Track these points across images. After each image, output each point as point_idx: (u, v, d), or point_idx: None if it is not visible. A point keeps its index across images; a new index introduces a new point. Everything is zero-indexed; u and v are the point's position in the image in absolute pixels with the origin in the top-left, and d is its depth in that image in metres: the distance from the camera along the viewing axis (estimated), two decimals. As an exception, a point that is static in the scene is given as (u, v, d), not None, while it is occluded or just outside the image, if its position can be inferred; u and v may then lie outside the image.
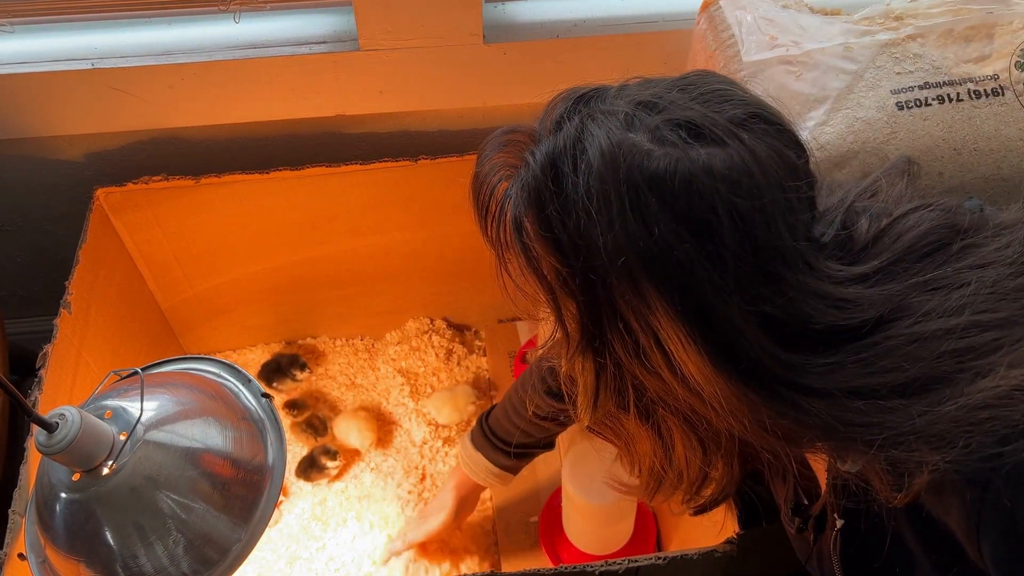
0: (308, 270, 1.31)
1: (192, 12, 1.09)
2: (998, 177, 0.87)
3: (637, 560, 0.80)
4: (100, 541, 0.64)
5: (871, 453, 0.54)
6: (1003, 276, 0.57)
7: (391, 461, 1.30)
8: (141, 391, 0.67)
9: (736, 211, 0.52)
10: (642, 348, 0.56)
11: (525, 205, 0.57)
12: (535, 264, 0.58)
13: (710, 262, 0.52)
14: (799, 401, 0.55)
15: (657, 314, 0.54)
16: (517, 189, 0.57)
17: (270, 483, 0.72)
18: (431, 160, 1.16)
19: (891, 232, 0.61)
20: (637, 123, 0.55)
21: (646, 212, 0.52)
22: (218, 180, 1.13)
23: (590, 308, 0.56)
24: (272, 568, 1.19)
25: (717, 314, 0.53)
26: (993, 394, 0.52)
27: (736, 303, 0.53)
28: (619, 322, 0.56)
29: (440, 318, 1.47)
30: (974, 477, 0.52)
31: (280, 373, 1.35)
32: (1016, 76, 0.86)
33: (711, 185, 0.52)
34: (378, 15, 1.04)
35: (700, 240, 0.52)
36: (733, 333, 0.53)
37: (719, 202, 0.52)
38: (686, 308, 0.53)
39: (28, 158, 1.19)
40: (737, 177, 0.52)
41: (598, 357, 0.59)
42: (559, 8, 1.13)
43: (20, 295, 1.42)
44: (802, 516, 0.73)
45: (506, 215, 0.59)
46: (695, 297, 0.53)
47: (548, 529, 1.18)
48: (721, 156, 0.53)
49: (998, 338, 0.54)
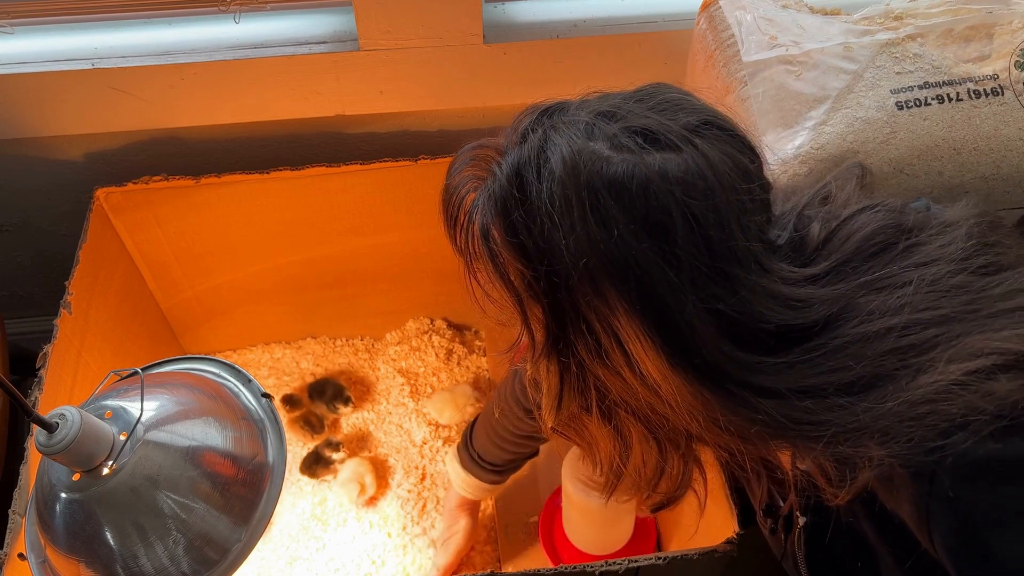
0: (308, 270, 1.31)
1: (192, 12, 1.09)
2: (998, 177, 0.87)
3: (637, 560, 0.80)
4: (100, 541, 0.64)
5: (818, 450, 0.56)
6: (943, 273, 0.59)
7: (391, 461, 1.30)
8: (141, 391, 0.67)
9: (690, 213, 0.54)
10: (604, 348, 0.58)
11: (492, 213, 0.58)
12: (502, 270, 0.60)
13: (666, 262, 0.54)
14: (750, 399, 0.56)
15: (617, 314, 0.55)
16: (484, 198, 0.59)
17: (270, 483, 0.72)
18: (431, 160, 1.16)
19: (840, 234, 0.63)
20: (597, 132, 0.57)
21: (606, 215, 0.54)
22: (218, 180, 1.13)
23: (554, 311, 0.58)
24: (272, 568, 1.19)
25: (673, 313, 0.55)
26: (932, 389, 0.54)
27: (691, 302, 0.55)
28: (582, 324, 0.57)
29: (440, 318, 1.47)
30: (920, 470, 0.55)
31: (321, 396, 1.34)
32: (1016, 76, 0.86)
33: (666, 188, 0.54)
34: (378, 15, 1.04)
35: (656, 241, 0.54)
36: (688, 331, 0.55)
37: (674, 204, 0.54)
38: (644, 307, 0.55)
39: (28, 158, 1.19)
40: (691, 180, 0.54)
41: (562, 359, 0.61)
42: (559, 8, 1.13)
43: (20, 295, 1.42)
44: (773, 517, 0.75)
45: (474, 224, 0.61)
46: (652, 296, 0.55)
47: (548, 529, 1.18)
48: (676, 161, 0.55)
49: (937, 335, 0.57)
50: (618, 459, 0.67)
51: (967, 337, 0.56)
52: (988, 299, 0.58)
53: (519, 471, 1.26)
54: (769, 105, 0.87)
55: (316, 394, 1.35)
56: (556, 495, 1.20)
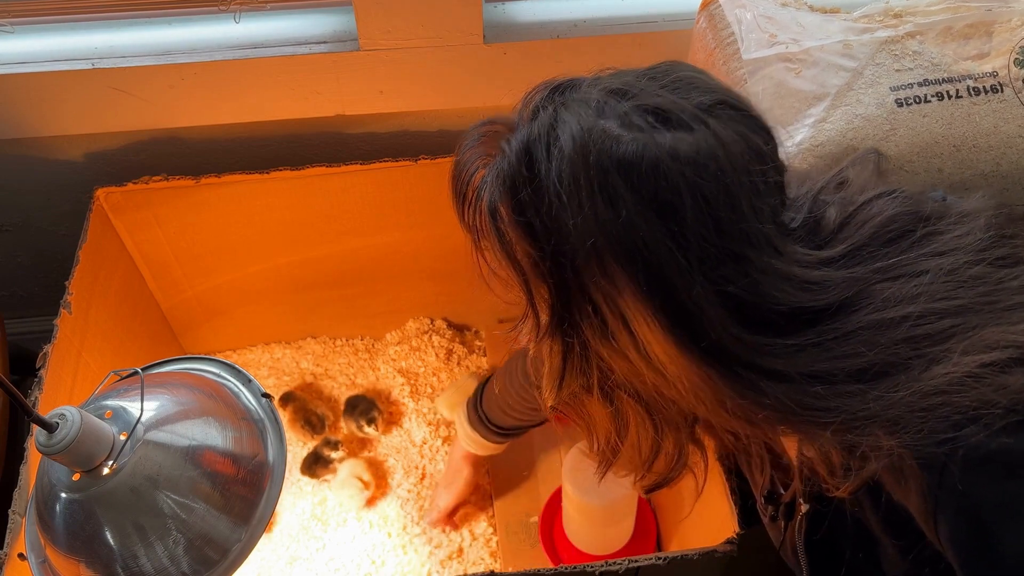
0: (308, 270, 1.31)
1: (192, 12, 1.09)
2: (998, 174, 0.87)
3: (637, 560, 0.80)
4: (100, 541, 0.64)
5: (826, 437, 0.56)
6: (960, 264, 0.58)
7: (391, 461, 1.30)
8: (141, 391, 0.67)
9: (700, 193, 0.53)
10: (610, 329, 0.57)
11: (500, 191, 0.58)
12: (509, 249, 0.59)
13: (675, 243, 0.53)
14: (758, 383, 0.56)
15: (624, 295, 0.55)
16: (493, 176, 0.59)
17: (270, 483, 0.72)
18: (431, 160, 1.16)
19: (857, 218, 0.63)
20: (608, 110, 0.56)
21: (614, 195, 0.53)
22: (218, 180, 1.13)
23: (560, 291, 0.57)
24: (272, 568, 1.19)
25: (680, 294, 0.54)
26: (946, 380, 0.53)
27: (700, 283, 0.54)
28: (588, 304, 0.57)
29: (440, 318, 1.47)
30: (930, 462, 0.54)
31: (352, 411, 1.32)
32: (1015, 73, 0.86)
33: (676, 168, 0.53)
34: (378, 15, 1.04)
35: (665, 221, 0.53)
36: (696, 313, 0.54)
37: (684, 185, 0.53)
38: (651, 288, 0.54)
39: (28, 158, 1.19)
40: (703, 161, 0.54)
41: (567, 339, 0.60)
42: (559, 8, 1.13)
43: (20, 295, 1.42)
44: (774, 504, 0.74)
45: (482, 202, 0.60)
46: (660, 277, 0.54)
47: (548, 529, 1.18)
48: (688, 140, 0.54)
49: (953, 325, 0.56)
50: (615, 437, 0.67)
51: (983, 329, 0.55)
52: (1006, 291, 0.57)
53: (519, 471, 1.26)
54: (769, 103, 0.87)
55: (350, 408, 1.32)
56: (556, 495, 1.20)
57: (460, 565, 1.18)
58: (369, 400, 1.32)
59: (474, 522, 1.22)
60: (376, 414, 1.30)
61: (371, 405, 1.30)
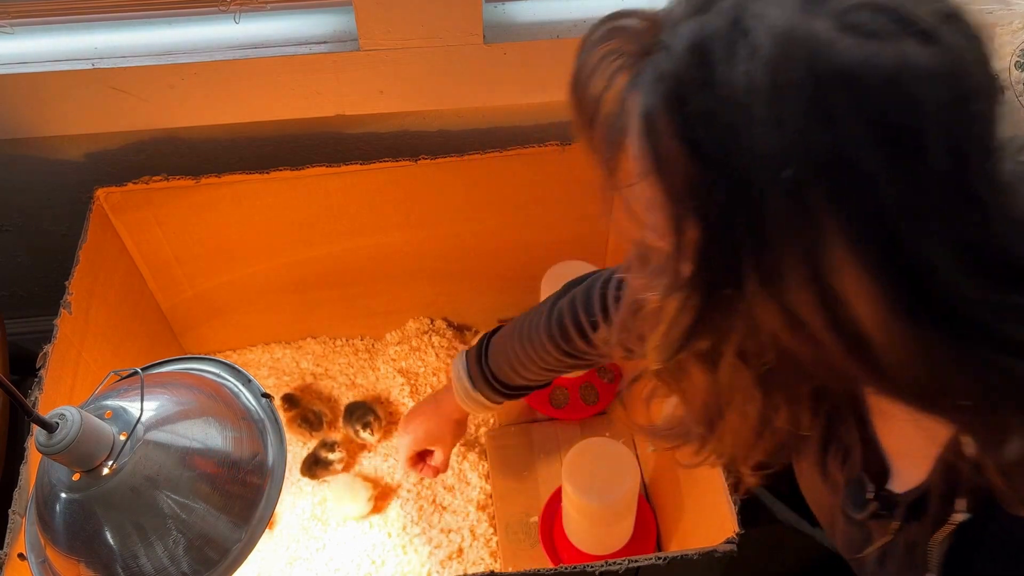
0: (308, 270, 1.31)
1: (192, 12, 1.09)
2: (998, 177, 0.87)
3: (637, 560, 0.80)
4: (100, 541, 0.65)
5: None
6: None
7: (391, 461, 1.30)
8: (141, 391, 0.67)
9: (944, 119, 0.43)
10: (788, 287, 0.46)
11: (661, 98, 0.46)
12: (665, 173, 0.47)
13: (906, 179, 0.42)
14: (993, 356, 0.46)
15: (827, 240, 0.44)
16: (651, 79, 0.46)
17: (270, 483, 0.72)
18: (431, 160, 1.16)
19: None
20: (817, 6, 0.44)
21: (831, 112, 0.42)
22: (218, 180, 1.13)
23: (724, 233, 0.46)
24: (272, 568, 1.19)
25: (907, 244, 0.43)
26: None
27: (935, 231, 0.43)
28: (764, 252, 0.45)
29: (440, 318, 1.47)
30: None
31: (350, 417, 1.32)
32: (1016, 76, 0.86)
33: (916, 86, 0.42)
34: (378, 15, 1.04)
35: (896, 151, 0.42)
36: (925, 268, 0.44)
37: (927, 106, 0.42)
38: (868, 234, 0.43)
39: (28, 158, 1.19)
40: (948, 81, 0.43)
41: (712, 292, 0.49)
42: (559, 8, 1.13)
43: (20, 295, 1.42)
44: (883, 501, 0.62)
45: (628, 113, 0.48)
46: (881, 221, 0.43)
47: (548, 529, 1.18)
48: (927, 54, 0.43)
49: None
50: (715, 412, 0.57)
51: None
52: None
53: (519, 471, 1.26)
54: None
55: (348, 414, 1.32)
56: (556, 495, 1.20)
57: (460, 565, 1.18)
58: (367, 406, 1.32)
59: (474, 522, 1.22)
60: (372, 419, 1.29)
61: (368, 410, 1.30)
